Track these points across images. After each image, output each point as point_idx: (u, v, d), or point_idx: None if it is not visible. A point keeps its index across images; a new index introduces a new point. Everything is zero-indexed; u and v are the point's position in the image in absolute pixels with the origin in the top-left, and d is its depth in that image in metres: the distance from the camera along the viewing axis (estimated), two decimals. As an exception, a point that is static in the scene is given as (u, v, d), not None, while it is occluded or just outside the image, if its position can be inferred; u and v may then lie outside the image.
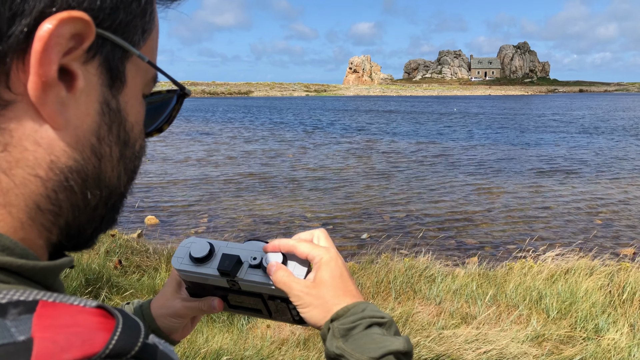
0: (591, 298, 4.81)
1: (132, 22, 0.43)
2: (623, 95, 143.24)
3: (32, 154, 0.38)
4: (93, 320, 0.34)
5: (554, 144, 24.07)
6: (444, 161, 18.45)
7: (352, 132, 31.82)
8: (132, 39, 0.44)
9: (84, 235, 0.46)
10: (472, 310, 4.74)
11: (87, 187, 0.43)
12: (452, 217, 10.39)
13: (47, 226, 0.41)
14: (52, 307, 0.34)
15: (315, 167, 16.87)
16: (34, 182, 0.39)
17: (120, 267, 5.51)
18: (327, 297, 0.74)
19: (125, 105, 0.45)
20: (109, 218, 0.48)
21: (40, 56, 0.36)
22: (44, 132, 0.39)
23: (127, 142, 0.46)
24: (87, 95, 0.41)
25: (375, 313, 0.72)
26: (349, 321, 0.71)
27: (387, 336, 0.70)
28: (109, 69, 0.42)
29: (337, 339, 0.71)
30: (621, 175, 15.27)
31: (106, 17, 0.40)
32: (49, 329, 0.32)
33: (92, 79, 0.41)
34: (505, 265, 6.11)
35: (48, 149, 0.39)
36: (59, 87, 0.38)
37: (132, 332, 0.35)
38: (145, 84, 0.49)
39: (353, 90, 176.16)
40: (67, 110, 0.40)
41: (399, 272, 5.56)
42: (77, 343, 0.31)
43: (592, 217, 10.39)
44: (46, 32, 0.36)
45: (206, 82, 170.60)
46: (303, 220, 10.07)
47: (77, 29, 0.37)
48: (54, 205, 0.41)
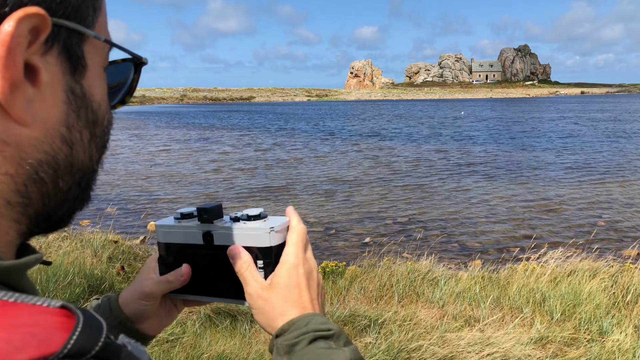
0: (595, 300, 4.79)
1: (84, 4, 0.43)
2: (626, 97, 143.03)
3: (0, 154, 0.38)
4: (54, 320, 0.34)
5: (559, 147, 24.03)
6: (446, 164, 18.43)
7: (357, 136, 31.82)
8: (85, 20, 0.43)
9: (54, 219, 0.46)
10: (475, 313, 4.73)
11: (59, 176, 0.43)
12: (455, 220, 10.37)
13: (16, 218, 0.41)
14: (12, 306, 0.33)
15: (317, 171, 16.88)
16: (4, 180, 0.39)
17: (123, 273, 5.51)
18: (276, 306, 0.72)
19: (89, 87, 0.45)
20: (83, 197, 0.48)
21: (5, 60, 0.36)
22: (11, 131, 0.38)
23: (95, 121, 0.46)
24: (51, 87, 0.41)
25: (320, 326, 0.69)
26: (292, 337, 0.68)
27: (332, 349, 0.67)
28: (69, 55, 0.42)
29: (281, 356, 0.68)
30: (625, 176, 15.23)
31: (58, 6, 0.40)
32: (5, 328, 0.31)
33: (53, 69, 0.41)
34: (508, 267, 6.09)
35: (16, 147, 0.39)
36: (25, 86, 0.38)
37: (93, 332, 0.34)
38: (103, 60, 0.48)
39: (354, 95, 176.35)
40: (34, 106, 0.39)
41: (401, 276, 5.55)
42: (33, 343, 0.31)
43: (596, 218, 10.36)
44: (7, 35, 0.36)
45: (208, 88, 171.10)
46: (305, 224, 10.05)
47: (34, 24, 0.37)
48: (24, 197, 0.41)
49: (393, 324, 4.34)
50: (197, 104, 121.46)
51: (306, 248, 0.78)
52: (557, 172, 16.32)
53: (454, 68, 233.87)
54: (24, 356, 0.30)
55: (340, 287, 5.51)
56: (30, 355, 0.30)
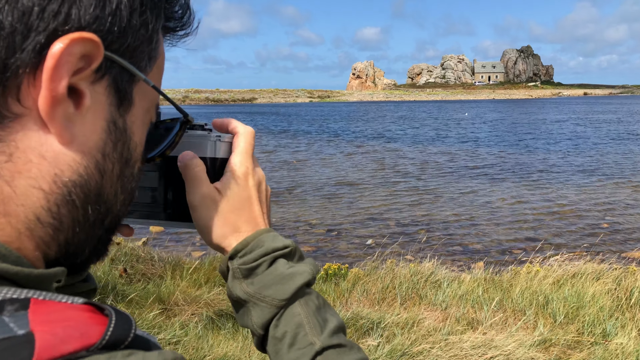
0: (598, 302, 4.77)
1: (140, 48, 0.45)
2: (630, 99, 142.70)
3: (36, 167, 0.39)
4: (84, 315, 0.36)
5: (562, 149, 23.99)
6: (449, 166, 18.41)
7: (360, 138, 31.83)
8: (139, 64, 0.46)
9: (81, 256, 0.47)
10: (478, 316, 4.72)
11: (89, 202, 0.44)
12: (457, 222, 10.36)
13: (46, 240, 0.42)
14: (44, 304, 0.35)
15: (320, 173, 16.88)
16: (36, 194, 0.40)
17: (126, 275, 5.52)
18: (227, 220, 0.66)
19: (132, 125, 0.47)
20: (104, 239, 0.49)
21: (52, 72, 0.38)
22: (49, 145, 0.40)
23: (128, 160, 0.48)
24: (93, 113, 0.42)
25: (277, 244, 0.65)
26: (250, 259, 0.64)
27: (293, 268, 0.64)
28: (117, 90, 0.44)
29: (240, 280, 0.65)
30: (628, 178, 15.19)
31: (114, 40, 0.42)
32: (46, 323, 0.33)
33: (99, 98, 0.43)
34: (511, 270, 6.08)
35: (53, 163, 0.40)
36: (67, 104, 0.40)
37: (125, 325, 0.37)
38: (149, 107, 0.51)
39: (356, 96, 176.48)
40: (74, 126, 0.41)
41: (404, 278, 5.54)
42: (75, 335, 0.34)
43: (599, 220, 10.33)
44: (58, 50, 0.37)
45: (210, 89, 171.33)
46: (307, 227, 10.07)
47: (87, 50, 0.39)
48: (55, 219, 0.41)
49: (396, 326, 4.33)
50: (199, 105, 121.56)
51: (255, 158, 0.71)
52: (561, 174, 16.29)
53: (457, 69, 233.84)
54: (69, 347, 0.33)
55: (343, 289, 5.50)
56: (75, 347, 0.33)
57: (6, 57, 0.37)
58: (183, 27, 0.54)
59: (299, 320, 0.63)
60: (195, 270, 5.71)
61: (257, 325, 0.64)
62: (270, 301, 0.63)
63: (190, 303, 4.80)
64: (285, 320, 0.64)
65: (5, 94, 0.38)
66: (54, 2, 0.38)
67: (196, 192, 0.65)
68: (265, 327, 0.65)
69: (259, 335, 0.66)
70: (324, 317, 0.65)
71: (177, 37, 0.54)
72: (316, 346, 0.62)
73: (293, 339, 0.63)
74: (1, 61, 0.37)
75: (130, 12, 0.42)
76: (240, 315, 0.67)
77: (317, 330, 0.63)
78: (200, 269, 5.77)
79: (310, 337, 0.63)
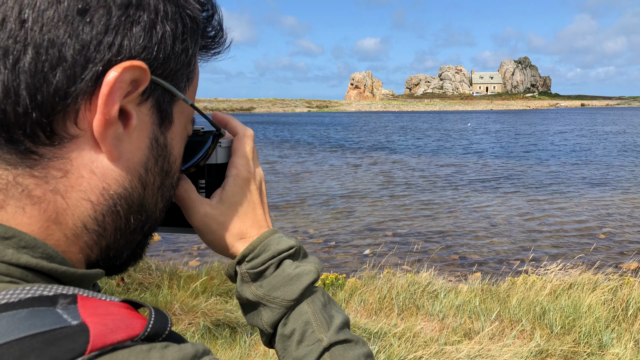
0: (595, 313, 4.78)
1: (180, 71, 0.50)
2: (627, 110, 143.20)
3: (86, 181, 0.44)
4: (124, 311, 0.41)
5: (560, 160, 24.07)
6: (447, 177, 18.45)
7: (360, 148, 31.89)
8: (179, 85, 0.51)
9: (120, 259, 0.52)
10: (475, 326, 4.72)
11: (132, 212, 0.49)
12: (455, 233, 10.37)
13: (90, 244, 0.47)
14: (89, 300, 0.39)
15: (318, 183, 16.90)
16: (85, 205, 0.45)
17: (123, 284, 5.52)
18: (233, 228, 0.67)
19: (172, 141, 0.53)
20: (142, 243, 0.55)
21: (106, 98, 0.42)
22: (99, 162, 0.45)
23: (168, 172, 0.53)
24: (139, 132, 0.47)
25: (282, 246, 0.67)
26: (258, 263, 0.66)
27: (299, 268, 0.67)
28: (159, 110, 0.49)
29: (249, 284, 0.67)
30: (625, 188, 15.24)
31: (159, 66, 0.47)
32: (95, 316, 0.38)
33: (144, 118, 0.48)
34: (508, 280, 6.09)
35: (101, 177, 0.45)
36: (117, 125, 0.44)
37: (162, 320, 0.41)
38: (186, 123, 0.56)
39: (354, 106, 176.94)
40: (122, 144, 0.46)
41: (401, 288, 5.54)
42: (122, 326, 0.38)
43: (596, 231, 10.36)
44: (112, 78, 0.42)
45: (208, 98, 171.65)
46: (305, 236, 10.07)
47: (136, 76, 0.44)
48: (100, 226, 0.46)
49: (393, 336, 4.33)
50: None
51: (255, 157, 0.71)
52: (558, 184, 16.33)
53: (454, 80, 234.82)
54: (118, 337, 0.37)
55: (340, 299, 5.50)
56: (123, 336, 0.37)
57: (67, 86, 0.41)
58: (216, 47, 0.59)
59: (307, 318, 0.66)
60: (192, 280, 5.71)
61: (267, 325, 0.67)
62: (279, 302, 0.66)
63: (187, 312, 4.80)
64: (294, 319, 0.66)
65: (64, 119, 0.42)
66: (109, 35, 0.42)
67: (194, 215, 0.66)
68: (275, 326, 0.67)
69: (269, 334, 0.69)
70: (329, 313, 0.68)
71: (209, 55, 0.59)
72: (324, 342, 0.65)
73: (301, 336, 0.66)
74: (63, 90, 0.41)
75: (173, 40, 0.47)
76: (250, 316, 0.70)
77: (324, 327, 0.66)
78: (198, 278, 5.76)
79: (317, 334, 0.66)
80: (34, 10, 0.40)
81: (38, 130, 0.41)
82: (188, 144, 0.62)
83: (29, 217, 0.42)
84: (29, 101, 0.40)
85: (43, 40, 0.40)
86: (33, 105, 0.40)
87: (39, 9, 0.40)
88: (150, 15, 0.45)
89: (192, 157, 0.65)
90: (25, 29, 0.39)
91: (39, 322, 0.35)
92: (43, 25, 0.40)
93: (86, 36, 0.41)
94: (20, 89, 0.40)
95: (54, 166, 0.43)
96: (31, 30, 0.40)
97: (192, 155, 0.65)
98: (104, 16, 0.42)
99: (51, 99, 0.41)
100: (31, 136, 0.41)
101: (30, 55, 0.40)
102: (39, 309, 0.36)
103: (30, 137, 0.41)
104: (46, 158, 0.42)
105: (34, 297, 0.37)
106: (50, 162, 0.43)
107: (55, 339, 0.34)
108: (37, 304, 0.36)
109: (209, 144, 0.65)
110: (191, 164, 0.64)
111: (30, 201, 0.42)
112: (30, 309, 0.36)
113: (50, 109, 0.41)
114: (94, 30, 0.41)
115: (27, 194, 0.42)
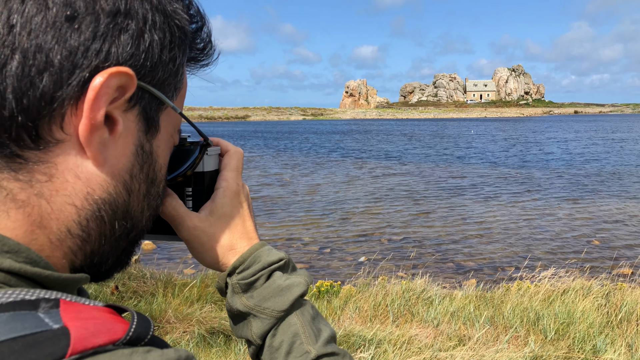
0: (588, 318, 4.80)
1: (167, 80, 0.51)
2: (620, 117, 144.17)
3: (71, 185, 0.44)
4: (106, 315, 0.41)
5: (556, 167, 24.18)
6: (442, 184, 18.50)
7: (354, 155, 31.93)
8: (167, 94, 0.51)
9: (104, 265, 0.52)
10: (469, 333, 4.73)
11: (116, 218, 0.49)
12: (450, 239, 10.39)
13: (74, 250, 0.47)
14: (71, 304, 0.40)
15: (312, 190, 16.90)
16: (70, 209, 0.45)
17: (117, 292, 5.49)
18: (223, 240, 0.68)
19: (157, 149, 0.53)
20: (128, 251, 0.55)
21: (92, 103, 0.43)
22: (84, 167, 0.45)
23: (154, 180, 0.54)
24: (125, 138, 0.48)
25: (272, 258, 0.68)
26: (249, 274, 0.67)
27: (289, 280, 0.68)
28: (146, 117, 0.50)
29: (240, 295, 0.68)
30: (619, 195, 15.33)
31: (147, 73, 0.47)
32: (77, 320, 0.38)
33: (130, 125, 0.48)
34: (502, 286, 6.10)
35: (86, 182, 0.45)
36: (103, 130, 0.45)
37: (144, 324, 0.42)
38: (173, 132, 0.57)
39: (349, 114, 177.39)
40: (107, 150, 0.46)
41: (396, 295, 5.55)
42: (103, 330, 0.38)
43: (589, 237, 10.41)
44: (99, 83, 0.42)
45: (203, 107, 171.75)
46: (300, 244, 10.06)
47: (122, 82, 0.44)
48: (84, 232, 0.46)
49: (387, 343, 4.33)
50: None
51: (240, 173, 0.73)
52: (553, 191, 16.40)
53: (449, 87, 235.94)
54: (99, 340, 0.37)
55: (335, 306, 5.50)
56: (104, 340, 0.37)
57: (54, 91, 0.42)
58: (204, 59, 0.60)
59: (295, 330, 0.67)
60: (187, 288, 5.70)
61: (256, 336, 0.68)
62: (270, 312, 0.67)
63: (182, 321, 4.78)
64: (282, 330, 0.67)
65: (50, 123, 0.42)
66: (97, 42, 0.43)
67: (182, 229, 0.67)
68: (264, 337, 0.68)
69: (257, 346, 0.69)
70: (318, 326, 0.69)
71: (197, 67, 0.60)
72: (311, 354, 0.66)
73: (290, 347, 0.66)
74: (49, 95, 0.41)
75: (160, 49, 0.48)
76: (239, 327, 0.70)
77: (312, 339, 0.67)
78: (192, 287, 5.75)
79: (305, 346, 0.66)
80: (22, 16, 0.40)
81: (23, 134, 0.41)
82: (175, 153, 0.62)
83: (14, 221, 0.42)
84: (15, 105, 0.40)
85: (31, 45, 0.40)
86: (19, 109, 0.41)
87: (28, 14, 0.40)
88: (139, 24, 0.45)
89: (180, 167, 0.65)
90: (14, 33, 0.40)
91: (20, 325, 0.35)
92: (31, 30, 0.40)
93: (74, 42, 0.42)
94: (7, 93, 0.40)
95: (39, 170, 0.43)
96: (19, 35, 0.40)
97: (179, 165, 0.65)
98: (92, 23, 0.42)
99: (37, 103, 0.41)
100: (16, 140, 0.41)
101: (17, 59, 0.40)
102: (20, 312, 0.36)
103: (15, 141, 0.41)
104: (31, 162, 0.42)
105: (15, 301, 0.37)
106: (35, 166, 0.43)
107: (36, 342, 0.35)
108: (18, 307, 0.37)
109: (196, 154, 0.66)
110: (178, 173, 0.65)
111: (14, 205, 0.42)
112: (11, 312, 0.36)
113: (36, 112, 0.41)
114: (82, 37, 0.42)
115: (11, 198, 0.42)
